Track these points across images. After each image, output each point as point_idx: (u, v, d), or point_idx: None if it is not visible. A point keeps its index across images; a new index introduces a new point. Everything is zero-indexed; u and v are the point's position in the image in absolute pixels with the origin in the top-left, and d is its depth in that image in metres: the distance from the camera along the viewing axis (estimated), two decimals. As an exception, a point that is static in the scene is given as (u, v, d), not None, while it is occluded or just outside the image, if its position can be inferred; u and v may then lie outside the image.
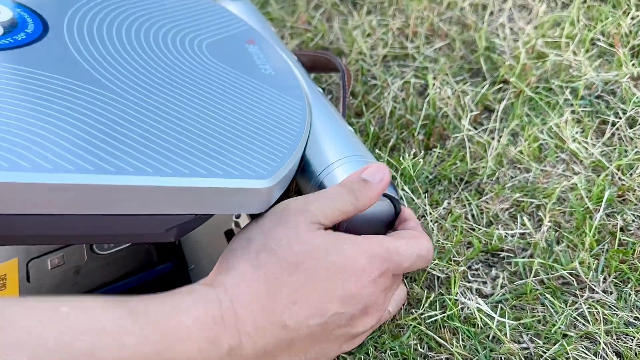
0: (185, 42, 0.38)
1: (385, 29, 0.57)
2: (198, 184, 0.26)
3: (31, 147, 0.23)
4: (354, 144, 0.37)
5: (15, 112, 0.24)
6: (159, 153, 0.26)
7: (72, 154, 0.24)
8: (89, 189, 0.23)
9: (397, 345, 0.33)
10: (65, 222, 0.24)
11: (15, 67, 0.27)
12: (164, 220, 0.27)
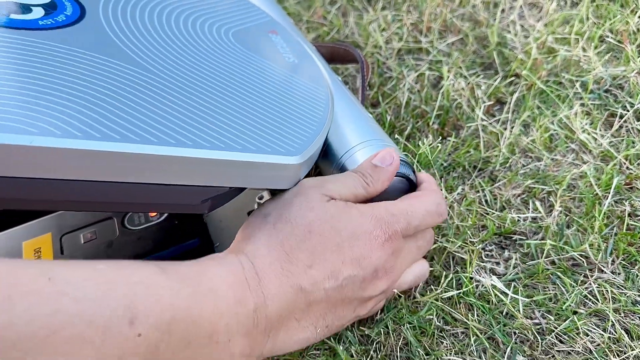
0: (212, 29, 0.39)
1: (399, 23, 0.59)
2: (233, 157, 0.28)
3: (80, 117, 0.24)
4: (373, 129, 0.39)
5: (62, 86, 0.26)
6: (197, 128, 0.28)
7: (117, 125, 0.25)
8: (135, 157, 0.25)
9: (415, 319, 0.34)
10: (111, 190, 0.26)
11: (58, 46, 0.29)
12: (200, 191, 0.28)
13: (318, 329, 0.31)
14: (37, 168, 0.23)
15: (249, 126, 0.30)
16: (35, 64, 0.26)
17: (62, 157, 0.23)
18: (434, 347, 0.33)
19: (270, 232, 0.30)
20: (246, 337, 0.27)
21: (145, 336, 0.23)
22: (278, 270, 0.29)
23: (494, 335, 0.33)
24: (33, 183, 0.24)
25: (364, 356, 0.33)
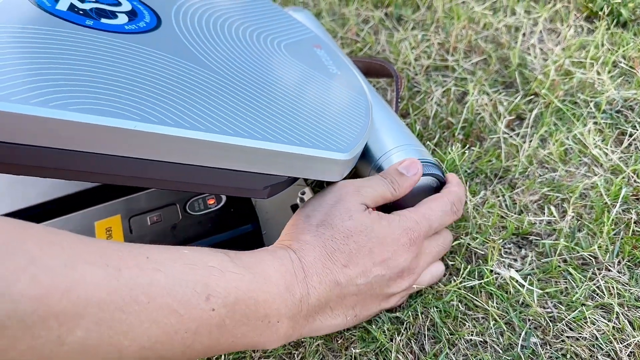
0: (267, 40, 0.44)
1: (428, 43, 0.63)
2: (294, 150, 0.33)
3: (170, 109, 0.29)
4: (407, 135, 0.43)
5: (150, 82, 0.31)
6: (264, 124, 0.33)
7: (201, 117, 0.30)
8: (215, 145, 0.30)
9: (440, 304, 0.39)
10: (192, 172, 0.31)
11: (143, 48, 0.34)
12: (263, 178, 0.33)
13: (348, 317, 0.36)
14: (136, 149, 0.28)
15: (306, 125, 0.35)
16: (126, 63, 0.31)
17: (158, 141, 0.28)
18: (457, 329, 0.38)
19: (314, 234, 0.35)
20: (291, 320, 0.32)
21: (217, 311, 0.28)
22: (320, 267, 0.34)
23: (511, 320, 0.38)
24: (132, 162, 0.29)
25: (395, 333, 0.38)
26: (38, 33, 0.30)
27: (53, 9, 0.33)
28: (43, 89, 0.26)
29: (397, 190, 0.38)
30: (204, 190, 0.33)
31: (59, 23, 0.32)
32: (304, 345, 0.38)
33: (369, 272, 0.34)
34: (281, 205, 0.46)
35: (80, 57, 0.30)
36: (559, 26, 0.65)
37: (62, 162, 0.27)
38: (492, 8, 0.69)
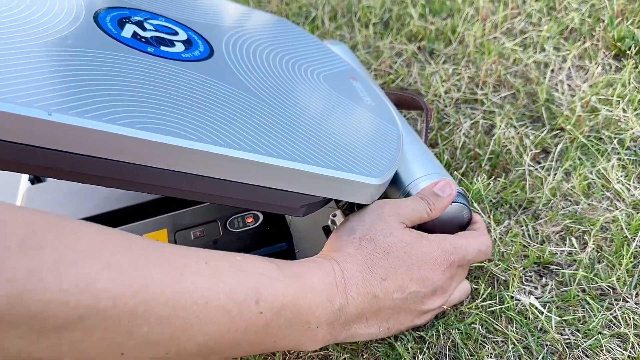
0: (307, 71, 0.48)
1: (458, 76, 0.66)
2: (331, 173, 0.36)
3: (222, 130, 0.33)
4: (435, 164, 0.46)
5: (203, 105, 0.34)
6: (305, 148, 0.36)
7: (249, 139, 0.33)
8: (260, 165, 0.33)
9: (462, 326, 0.41)
10: (237, 188, 0.34)
11: (198, 75, 0.38)
12: (301, 198, 0.36)
13: (381, 328, 0.38)
14: (190, 165, 0.32)
15: (343, 151, 0.38)
16: (183, 88, 0.35)
17: (210, 159, 0.32)
18: (477, 350, 0.40)
19: (356, 247, 0.38)
20: (329, 326, 0.35)
21: (264, 314, 0.31)
22: (360, 280, 0.36)
23: (529, 345, 0.40)
24: (186, 177, 0.32)
25: (418, 352, 0.40)
26: (106, 57, 0.33)
27: (119, 36, 0.37)
28: (112, 108, 0.29)
29: (433, 211, 0.41)
30: (247, 206, 0.36)
31: (124, 49, 0.36)
32: (331, 358, 0.40)
33: (406, 287, 0.37)
34: (314, 226, 0.49)
35: (143, 80, 0.33)
36: (587, 63, 0.67)
37: (127, 175, 0.30)
38: (522, 44, 0.72)
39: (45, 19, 0.35)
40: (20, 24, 0.33)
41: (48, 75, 0.29)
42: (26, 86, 0.28)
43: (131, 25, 0.40)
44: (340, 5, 0.81)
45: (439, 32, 0.75)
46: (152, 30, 0.40)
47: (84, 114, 0.28)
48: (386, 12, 0.80)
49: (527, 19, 0.76)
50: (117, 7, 0.42)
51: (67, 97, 0.28)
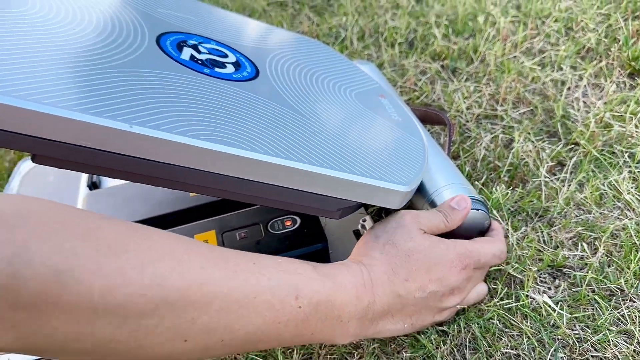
0: (341, 89, 0.53)
1: (479, 93, 0.71)
2: (365, 181, 0.41)
3: (272, 141, 0.38)
4: (456, 174, 0.51)
5: (254, 120, 0.39)
6: (342, 158, 0.41)
7: (292, 149, 0.38)
8: (302, 172, 0.38)
9: (481, 321, 0.45)
10: (280, 192, 0.39)
11: (248, 93, 0.43)
12: (337, 202, 0.41)
13: (405, 324, 0.43)
14: (244, 171, 0.37)
15: (374, 161, 0.43)
16: (235, 104, 0.40)
17: (262, 166, 0.37)
18: (495, 342, 0.44)
19: (381, 252, 0.42)
20: (359, 321, 0.40)
21: (303, 309, 0.36)
22: (385, 280, 0.41)
23: (542, 338, 0.44)
24: (239, 182, 0.37)
25: (441, 343, 0.44)
26: (171, 77, 0.39)
27: (179, 58, 0.42)
28: (180, 121, 0.35)
29: (450, 222, 0.45)
30: (290, 208, 0.41)
31: (185, 70, 0.41)
32: (362, 347, 0.45)
33: (426, 287, 0.41)
34: (346, 230, 0.54)
35: (203, 98, 0.39)
36: (602, 82, 0.71)
37: (191, 179, 0.36)
38: (541, 63, 0.76)
39: (117, 43, 0.40)
40: (100, 47, 0.38)
41: (126, 93, 0.35)
42: (109, 102, 0.33)
43: (188, 48, 0.45)
44: (368, 26, 0.87)
45: (461, 51, 0.80)
46: (206, 53, 0.46)
47: (159, 127, 0.33)
48: (411, 32, 0.85)
49: (545, 39, 0.80)
50: (174, 31, 0.47)
51: (144, 112, 0.34)
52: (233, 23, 0.56)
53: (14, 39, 0.34)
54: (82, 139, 0.32)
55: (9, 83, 0.30)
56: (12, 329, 0.27)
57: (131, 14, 0.45)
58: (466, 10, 0.87)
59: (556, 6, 0.85)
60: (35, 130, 0.31)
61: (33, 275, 0.27)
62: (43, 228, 0.28)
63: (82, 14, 0.41)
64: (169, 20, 0.48)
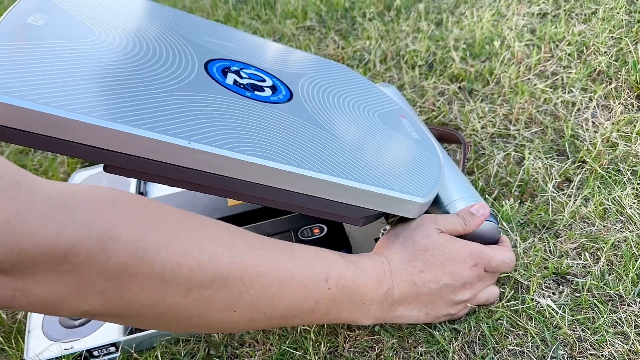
0: (365, 110, 0.59)
1: (493, 114, 0.76)
2: (387, 193, 0.46)
3: (304, 156, 0.44)
4: (469, 188, 0.56)
5: (290, 137, 0.45)
6: (367, 172, 0.46)
7: (324, 163, 0.44)
8: (331, 184, 0.44)
9: (490, 321, 0.50)
10: (311, 201, 0.44)
11: (285, 115, 0.49)
12: (362, 211, 0.47)
13: (420, 313, 0.48)
14: (281, 182, 0.42)
15: (396, 175, 0.49)
16: (274, 124, 0.46)
17: (298, 178, 0.43)
18: (502, 340, 0.49)
19: (400, 246, 0.48)
20: (379, 305, 0.45)
21: (331, 290, 0.42)
22: (402, 270, 0.46)
23: (545, 338, 0.48)
24: (276, 191, 0.43)
25: (453, 339, 0.49)
26: (219, 100, 0.45)
27: (224, 83, 0.49)
28: (230, 138, 0.41)
29: (467, 226, 0.50)
30: (320, 215, 0.47)
31: (230, 94, 0.47)
32: (382, 342, 0.50)
33: (440, 279, 0.46)
34: (368, 237, 0.59)
35: (246, 118, 0.45)
36: (611, 103, 0.76)
37: (238, 188, 0.42)
38: (553, 85, 0.81)
39: (172, 69, 0.46)
40: (159, 73, 0.45)
41: (184, 113, 0.41)
42: (171, 121, 0.39)
43: (232, 74, 0.51)
44: (390, 49, 0.92)
45: (478, 73, 0.85)
46: (247, 78, 0.52)
47: (212, 143, 0.39)
48: (431, 55, 0.91)
49: (558, 62, 0.85)
50: (219, 58, 0.53)
51: (199, 130, 0.40)
52: (268, 49, 0.63)
53: (91, 66, 0.41)
54: (148, 152, 0.38)
55: (90, 105, 0.36)
56: (100, 295, 0.33)
57: (182, 43, 0.51)
58: (483, 34, 0.92)
59: (570, 30, 0.90)
60: (108, 144, 0.37)
61: (119, 249, 0.33)
62: (127, 212, 0.35)
63: (142, 43, 0.47)
64: (213, 48, 0.55)
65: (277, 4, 1.11)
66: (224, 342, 0.53)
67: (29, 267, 0.31)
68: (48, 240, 0.30)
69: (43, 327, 0.54)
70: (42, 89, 0.36)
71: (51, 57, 0.39)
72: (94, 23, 0.46)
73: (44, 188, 0.32)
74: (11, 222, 0.29)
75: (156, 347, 0.53)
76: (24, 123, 0.35)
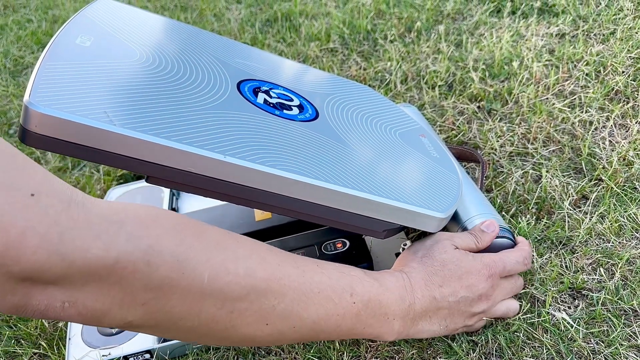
0: (387, 129, 0.62)
1: (512, 133, 0.78)
2: (409, 208, 0.49)
3: (329, 171, 0.46)
4: (487, 205, 0.58)
5: (315, 153, 0.48)
6: (389, 187, 0.49)
7: (349, 178, 0.47)
8: (354, 198, 0.46)
9: (507, 333, 0.52)
10: (338, 214, 0.47)
11: (311, 132, 0.52)
12: (384, 224, 0.49)
13: (441, 326, 0.50)
14: (306, 194, 0.45)
15: (417, 191, 0.51)
16: (301, 140, 0.49)
17: (323, 192, 0.45)
18: (519, 352, 0.51)
19: (419, 262, 0.50)
20: (402, 320, 0.47)
21: (356, 304, 0.44)
22: (422, 285, 0.49)
23: (560, 350, 0.50)
24: (301, 203, 0.46)
25: (471, 351, 0.51)
26: (251, 118, 0.48)
27: (255, 102, 0.52)
28: (262, 153, 0.44)
29: (480, 243, 0.53)
30: (344, 228, 0.49)
31: (261, 112, 0.50)
32: (402, 352, 0.52)
33: (457, 292, 0.49)
34: (389, 252, 0.62)
35: (276, 135, 0.48)
36: (628, 122, 0.77)
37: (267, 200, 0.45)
38: (571, 105, 0.83)
39: (208, 89, 0.50)
40: (196, 92, 0.48)
41: (219, 130, 0.44)
42: (208, 137, 0.43)
43: (262, 93, 0.55)
44: (410, 70, 0.96)
45: (496, 93, 0.88)
46: (276, 98, 0.55)
47: (245, 157, 0.43)
48: (450, 75, 0.93)
49: (576, 82, 0.87)
50: (250, 79, 0.57)
51: (233, 145, 0.43)
52: (295, 70, 0.66)
53: (135, 85, 0.44)
54: (187, 165, 0.41)
55: (137, 120, 0.40)
56: (142, 306, 0.36)
57: (216, 64, 0.55)
58: (502, 55, 0.94)
59: (588, 50, 0.92)
60: (152, 157, 0.40)
61: (162, 263, 0.36)
62: (170, 228, 0.38)
63: (179, 64, 0.51)
64: (244, 69, 0.58)
65: (301, 27, 1.15)
66: (252, 350, 0.55)
67: (79, 279, 0.34)
68: (97, 254, 0.34)
69: (82, 334, 0.58)
70: (93, 104, 0.39)
71: (100, 75, 0.43)
72: (135, 45, 0.50)
73: (94, 206, 0.35)
74: (64, 236, 0.32)
75: (188, 354, 0.56)
76: (76, 136, 0.38)
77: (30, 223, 0.31)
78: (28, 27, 1.42)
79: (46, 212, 0.31)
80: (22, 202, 0.31)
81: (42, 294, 0.33)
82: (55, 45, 0.44)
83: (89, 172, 0.87)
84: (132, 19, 0.54)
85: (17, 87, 1.16)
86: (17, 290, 0.32)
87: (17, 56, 1.28)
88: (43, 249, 0.31)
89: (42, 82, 0.39)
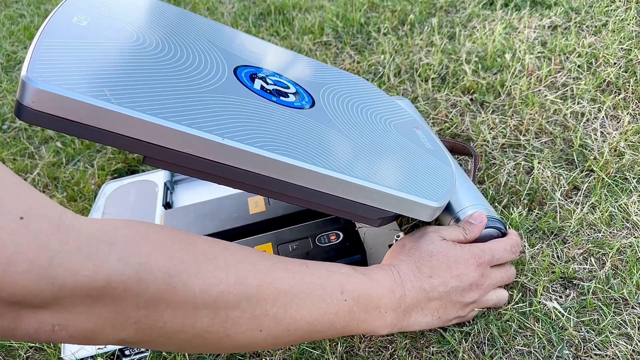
0: (381, 120, 0.62)
1: (504, 125, 0.79)
2: (404, 196, 0.49)
3: (329, 157, 0.47)
4: (479, 196, 0.59)
5: (313, 140, 0.48)
6: (384, 175, 0.49)
7: (345, 165, 0.47)
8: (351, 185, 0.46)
9: (499, 322, 0.53)
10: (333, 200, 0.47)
11: (308, 119, 0.52)
12: (378, 212, 0.50)
13: (433, 317, 0.51)
14: (302, 179, 0.45)
15: (412, 180, 0.52)
16: (297, 127, 0.49)
17: (319, 177, 0.45)
18: (510, 341, 0.51)
19: (407, 255, 0.51)
20: (394, 312, 0.48)
21: (347, 301, 0.45)
22: (412, 276, 0.49)
23: (551, 338, 0.51)
24: (296, 188, 0.46)
25: (463, 340, 0.52)
26: (248, 103, 0.48)
27: (252, 88, 0.52)
28: (258, 137, 0.44)
29: (468, 234, 0.53)
30: (340, 214, 0.50)
31: (257, 98, 0.50)
32: (395, 342, 0.53)
33: (447, 282, 0.49)
34: (382, 244, 0.62)
35: (273, 120, 0.48)
36: (620, 113, 0.78)
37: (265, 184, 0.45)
38: (563, 96, 0.83)
39: (205, 72, 0.49)
40: (194, 75, 0.47)
41: (217, 112, 0.44)
42: (206, 119, 0.42)
43: (259, 80, 0.54)
44: (404, 63, 0.96)
45: (489, 85, 0.88)
46: (273, 85, 0.55)
47: (243, 140, 0.43)
48: (443, 68, 0.94)
49: (568, 74, 0.87)
50: (246, 65, 0.57)
51: (231, 128, 0.43)
52: (291, 59, 0.66)
53: (133, 65, 0.44)
54: (185, 146, 0.41)
55: (134, 100, 0.40)
56: (135, 324, 0.36)
57: (213, 49, 0.55)
58: (495, 47, 0.95)
59: (580, 42, 0.93)
60: (149, 137, 0.40)
61: (153, 280, 0.36)
62: (159, 244, 0.37)
63: (177, 48, 0.50)
64: (241, 55, 0.58)
65: (295, 20, 1.15)
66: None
67: (69, 302, 0.33)
68: (88, 275, 0.32)
69: (78, 328, 0.58)
70: (92, 82, 0.39)
71: (97, 54, 0.43)
72: (132, 27, 0.49)
73: (83, 226, 0.34)
74: (54, 260, 0.31)
75: (183, 346, 0.57)
76: (73, 113, 0.37)
77: (19, 248, 0.30)
78: (20, 22, 1.41)
79: (35, 236, 0.31)
80: (10, 227, 0.30)
81: (31, 318, 0.33)
82: (51, 24, 0.43)
83: (83, 167, 0.87)
84: (128, 1, 0.54)
85: (10, 82, 1.16)
86: (6, 314, 0.32)
87: (10, 51, 1.27)
88: (32, 274, 0.30)
89: (40, 58, 0.39)
